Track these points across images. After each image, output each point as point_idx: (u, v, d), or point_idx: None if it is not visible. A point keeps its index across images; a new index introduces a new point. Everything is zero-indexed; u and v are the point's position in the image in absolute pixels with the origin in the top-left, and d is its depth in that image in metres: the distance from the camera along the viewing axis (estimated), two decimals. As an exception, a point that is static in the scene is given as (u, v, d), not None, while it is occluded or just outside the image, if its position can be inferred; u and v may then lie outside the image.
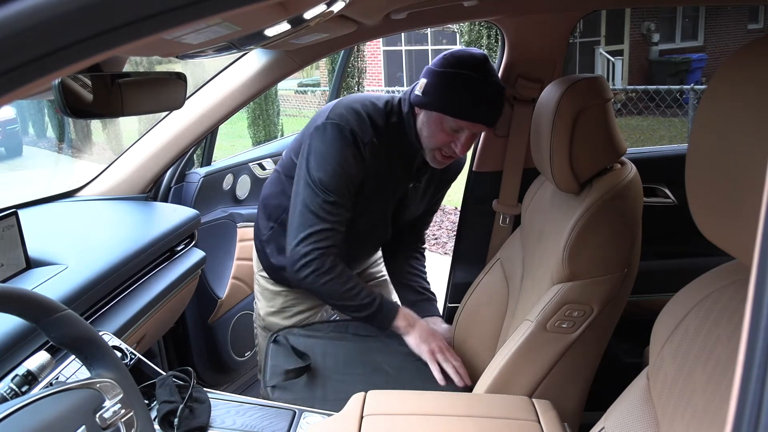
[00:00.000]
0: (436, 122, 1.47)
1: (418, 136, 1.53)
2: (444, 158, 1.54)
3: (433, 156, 1.54)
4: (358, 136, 1.49)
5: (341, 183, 1.49)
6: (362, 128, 1.50)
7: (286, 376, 1.49)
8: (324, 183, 1.49)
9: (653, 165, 1.90)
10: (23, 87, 0.43)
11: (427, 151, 1.54)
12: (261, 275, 1.81)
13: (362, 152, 1.50)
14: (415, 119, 1.53)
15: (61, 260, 1.37)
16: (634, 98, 8.04)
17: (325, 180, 1.48)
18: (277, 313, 1.78)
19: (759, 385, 0.33)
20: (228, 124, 1.96)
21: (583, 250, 1.25)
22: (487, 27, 7.82)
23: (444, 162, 1.56)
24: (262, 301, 1.81)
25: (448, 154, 1.52)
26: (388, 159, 1.55)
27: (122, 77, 0.92)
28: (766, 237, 0.35)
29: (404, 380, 1.50)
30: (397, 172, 1.60)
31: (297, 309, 1.78)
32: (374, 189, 1.57)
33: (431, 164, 1.57)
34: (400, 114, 1.55)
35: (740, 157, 0.61)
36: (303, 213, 1.51)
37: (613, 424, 0.88)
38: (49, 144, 10.83)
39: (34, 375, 1.03)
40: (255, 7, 0.49)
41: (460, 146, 1.49)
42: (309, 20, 0.99)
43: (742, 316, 0.39)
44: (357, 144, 1.49)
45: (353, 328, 1.63)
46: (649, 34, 11.85)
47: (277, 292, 1.78)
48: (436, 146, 1.51)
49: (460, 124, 1.45)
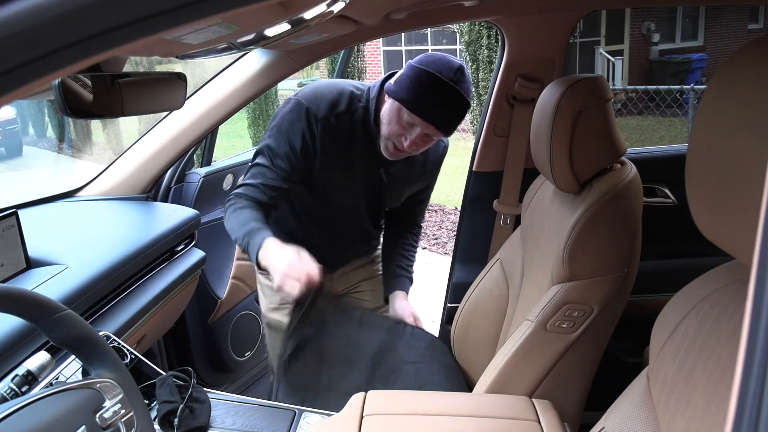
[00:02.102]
0: (395, 112, 1.50)
1: (378, 122, 1.56)
2: (395, 150, 1.55)
3: (385, 146, 1.56)
4: (312, 112, 1.54)
5: (282, 150, 1.55)
6: (319, 106, 1.55)
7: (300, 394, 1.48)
8: (269, 147, 1.57)
9: (653, 165, 1.90)
10: (23, 87, 0.43)
11: (381, 139, 1.56)
12: (260, 273, 1.81)
13: (313, 128, 1.54)
14: (380, 106, 1.56)
15: (61, 260, 1.37)
16: (634, 98, 8.03)
17: (270, 145, 1.57)
18: (277, 310, 1.78)
19: (759, 385, 0.33)
20: (228, 124, 1.96)
21: (583, 250, 1.25)
22: (487, 27, 7.81)
23: (394, 154, 1.56)
24: (263, 298, 1.83)
25: (399, 146, 1.53)
26: (348, 141, 1.58)
27: (122, 77, 0.92)
28: (766, 237, 0.35)
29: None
30: (360, 155, 1.61)
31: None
32: (328, 166, 1.59)
33: (383, 153, 1.58)
34: (368, 101, 1.59)
35: (740, 157, 0.61)
36: (247, 171, 1.62)
37: (613, 424, 0.88)
38: (49, 144, 10.83)
39: (34, 375, 1.03)
40: (255, 7, 0.49)
41: (409, 141, 1.50)
42: (309, 20, 0.99)
43: (742, 316, 0.39)
44: (309, 119, 1.54)
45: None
46: (649, 34, 11.85)
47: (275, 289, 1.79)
48: (389, 136, 1.53)
49: (414, 120, 1.47)
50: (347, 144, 1.58)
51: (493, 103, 1.93)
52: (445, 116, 1.47)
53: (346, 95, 1.58)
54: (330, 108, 1.55)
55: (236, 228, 1.51)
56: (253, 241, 1.46)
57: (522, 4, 1.70)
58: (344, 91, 1.58)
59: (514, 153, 1.89)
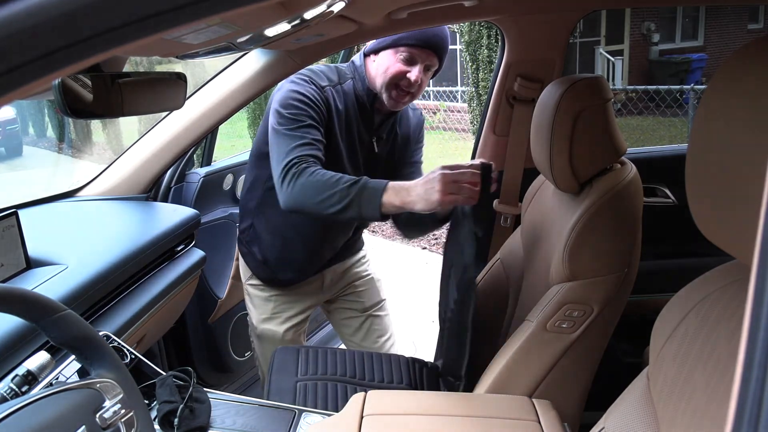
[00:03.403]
0: (389, 57, 1.54)
1: (370, 86, 1.59)
2: (398, 95, 1.56)
3: (389, 95, 1.56)
4: (315, 81, 1.56)
5: (306, 108, 1.51)
6: (317, 78, 1.57)
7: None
8: (290, 111, 1.49)
9: (653, 165, 1.90)
10: (23, 87, 0.43)
11: (383, 92, 1.57)
12: (249, 284, 1.82)
13: (319, 93, 1.55)
14: (367, 69, 1.60)
15: (61, 260, 1.37)
16: (634, 98, 8.03)
17: (291, 106, 1.50)
18: (269, 320, 1.79)
19: (759, 385, 0.33)
20: (228, 124, 1.96)
21: (583, 250, 1.25)
22: (487, 27, 7.81)
23: (400, 99, 1.57)
24: (253, 310, 1.83)
25: (404, 85, 1.55)
26: (345, 112, 1.60)
27: (122, 77, 0.92)
28: (766, 237, 0.35)
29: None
30: (356, 126, 1.63)
31: (288, 314, 1.79)
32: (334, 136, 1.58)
33: (388, 106, 1.58)
34: (354, 72, 1.63)
35: (740, 157, 0.61)
36: (279, 146, 1.48)
37: (613, 424, 0.88)
38: (49, 144, 10.83)
39: (34, 375, 1.03)
40: (255, 7, 0.49)
41: (414, 75, 1.53)
42: (309, 20, 0.99)
43: (742, 316, 0.39)
44: (314, 85, 1.55)
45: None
46: (649, 34, 11.85)
47: (266, 298, 1.79)
48: (392, 80, 1.55)
49: (412, 53, 1.52)
50: (345, 114, 1.60)
51: (493, 103, 1.93)
52: (435, 38, 1.54)
53: (334, 70, 1.63)
54: (326, 80, 1.58)
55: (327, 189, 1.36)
56: (368, 192, 1.34)
57: (522, 4, 1.70)
58: (331, 68, 1.64)
59: (514, 153, 1.89)
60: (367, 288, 1.92)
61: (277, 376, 1.54)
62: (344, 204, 1.35)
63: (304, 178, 1.39)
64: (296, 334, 1.82)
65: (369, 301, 1.92)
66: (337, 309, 1.95)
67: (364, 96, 1.61)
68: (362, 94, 1.61)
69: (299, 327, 1.82)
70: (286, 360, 1.59)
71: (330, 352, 1.64)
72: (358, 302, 1.92)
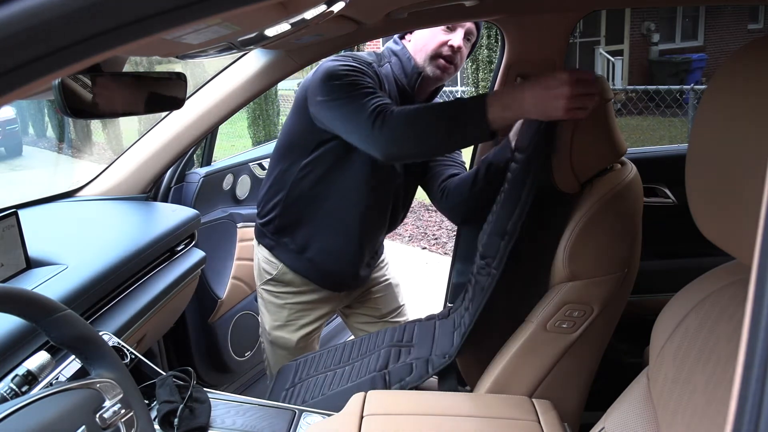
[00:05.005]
0: (429, 30, 1.57)
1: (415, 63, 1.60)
2: (444, 63, 1.59)
3: (434, 66, 1.59)
4: (359, 58, 1.56)
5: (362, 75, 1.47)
6: (358, 58, 1.57)
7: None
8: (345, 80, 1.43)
9: (653, 165, 1.90)
10: (23, 87, 0.43)
11: (427, 65, 1.59)
12: (264, 288, 1.78)
13: (370, 67, 1.54)
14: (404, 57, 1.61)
15: (61, 260, 1.37)
16: (634, 98, 8.03)
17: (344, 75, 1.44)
18: (283, 327, 1.76)
19: (759, 385, 0.33)
20: (228, 124, 1.96)
21: (583, 250, 1.25)
22: (487, 27, 7.81)
23: (447, 68, 1.59)
24: (266, 315, 1.79)
25: (447, 54, 1.57)
26: (389, 92, 1.59)
27: (122, 77, 0.92)
28: (766, 237, 0.35)
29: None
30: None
31: (302, 322, 1.76)
32: None
33: (434, 77, 1.60)
34: (390, 56, 1.64)
35: (740, 157, 0.61)
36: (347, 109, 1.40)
37: (613, 424, 0.88)
38: (49, 144, 10.83)
39: (34, 375, 1.03)
40: (255, 7, 0.49)
41: (457, 41, 1.56)
42: (309, 20, 0.99)
43: (742, 316, 0.39)
44: (360, 61, 1.54)
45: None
46: (649, 34, 11.84)
47: (281, 305, 1.76)
48: (435, 51, 1.57)
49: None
50: (389, 95, 1.58)
51: (493, 103, 1.92)
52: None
53: (373, 55, 1.64)
54: (369, 63, 1.58)
55: (423, 118, 1.32)
56: (469, 109, 1.26)
57: (522, 4, 1.70)
58: (369, 53, 1.66)
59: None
60: (384, 294, 1.90)
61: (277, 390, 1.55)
62: (447, 128, 1.28)
63: (395, 118, 1.32)
64: (309, 341, 1.78)
65: (386, 307, 1.90)
66: (354, 313, 1.93)
67: (403, 79, 1.61)
68: (401, 78, 1.61)
69: (312, 334, 1.79)
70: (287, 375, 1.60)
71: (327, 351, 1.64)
72: (375, 309, 1.89)
